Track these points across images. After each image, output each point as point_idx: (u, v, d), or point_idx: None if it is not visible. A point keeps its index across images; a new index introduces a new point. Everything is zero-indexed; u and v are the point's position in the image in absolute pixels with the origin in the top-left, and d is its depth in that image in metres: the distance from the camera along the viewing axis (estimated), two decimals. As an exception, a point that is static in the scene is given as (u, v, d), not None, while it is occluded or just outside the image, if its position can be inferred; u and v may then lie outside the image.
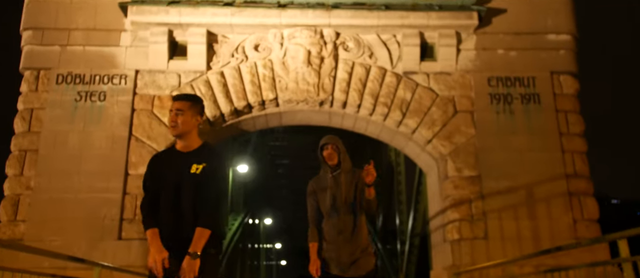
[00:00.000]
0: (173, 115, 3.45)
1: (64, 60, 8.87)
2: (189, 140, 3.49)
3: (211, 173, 3.36)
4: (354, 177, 4.47)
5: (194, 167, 3.37)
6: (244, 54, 9.07)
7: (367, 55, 9.09)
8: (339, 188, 4.44)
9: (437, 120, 8.85)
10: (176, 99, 3.50)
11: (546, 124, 8.76)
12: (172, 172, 3.39)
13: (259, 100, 8.92)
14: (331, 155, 4.50)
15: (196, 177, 3.34)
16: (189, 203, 3.30)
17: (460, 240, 8.35)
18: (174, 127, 3.45)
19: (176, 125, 3.43)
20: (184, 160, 3.41)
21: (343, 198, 4.42)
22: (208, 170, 3.36)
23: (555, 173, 8.49)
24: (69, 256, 5.90)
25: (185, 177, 3.35)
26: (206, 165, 3.37)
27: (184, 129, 3.43)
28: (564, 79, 9.00)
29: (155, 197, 3.39)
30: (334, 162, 4.49)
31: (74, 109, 8.65)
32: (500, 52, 9.12)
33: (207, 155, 3.43)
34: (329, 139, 4.56)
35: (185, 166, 3.38)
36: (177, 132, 3.44)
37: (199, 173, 3.35)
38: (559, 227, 8.27)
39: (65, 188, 8.29)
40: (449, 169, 8.70)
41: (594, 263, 5.63)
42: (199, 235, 3.19)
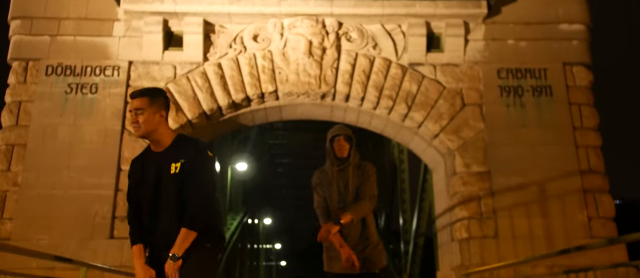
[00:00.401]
0: (133, 115, 3.09)
1: (53, 50, 8.48)
2: (160, 137, 3.14)
3: (192, 168, 3.04)
4: (360, 171, 4.22)
5: (173, 166, 3.05)
6: (242, 44, 8.68)
7: (371, 46, 8.70)
8: (346, 183, 4.16)
9: (444, 113, 8.45)
10: (133, 97, 3.13)
11: (559, 117, 8.36)
12: (149, 175, 3.10)
13: (258, 92, 8.53)
14: (342, 148, 4.19)
15: (177, 177, 3.04)
16: (172, 206, 3.02)
17: (469, 239, 7.95)
18: (137, 128, 3.09)
19: (138, 126, 3.08)
20: (160, 161, 3.10)
21: (351, 194, 4.14)
22: (188, 166, 3.04)
23: (569, 169, 8.10)
24: (54, 256, 5.50)
25: (165, 179, 3.05)
26: (184, 160, 3.05)
27: (147, 128, 3.08)
28: (577, 70, 8.60)
29: (139, 207, 3.12)
30: (344, 155, 4.19)
31: (64, 102, 8.26)
32: (510, 42, 8.72)
33: (183, 150, 3.10)
34: (341, 130, 4.26)
35: (163, 167, 3.07)
36: (141, 133, 3.10)
37: (178, 171, 3.04)
38: (573, 225, 7.88)
39: (55, 185, 7.89)
40: (456, 165, 8.31)
41: (616, 264, 5.25)
42: (182, 237, 2.92)
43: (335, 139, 4.23)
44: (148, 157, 3.17)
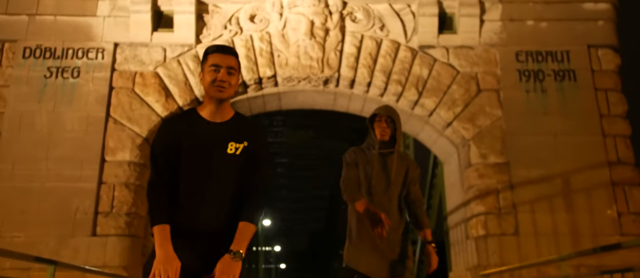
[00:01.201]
0: (224, 74, 2.48)
1: (32, 31, 7.78)
2: (225, 108, 2.56)
3: (256, 156, 2.52)
4: (405, 165, 3.64)
5: (232, 145, 2.49)
6: (238, 25, 7.99)
7: (378, 27, 8.01)
8: (388, 172, 3.56)
9: (458, 100, 7.75)
10: (226, 52, 2.55)
11: (583, 103, 7.66)
12: (202, 147, 2.46)
13: (255, 77, 7.83)
14: (384, 131, 3.58)
15: (234, 160, 2.48)
16: (222, 191, 2.44)
17: (487, 237, 7.24)
18: (224, 91, 2.49)
19: (228, 88, 2.49)
20: (217, 134, 2.50)
21: (392, 185, 3.54)
22: (251, 151, 2.51)
23: (596, 160, 7.40)
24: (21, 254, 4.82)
25: (219, 157, 2.47)
26: (248, 144, 2.50)
27: (231, 94, 2.54)
28: (602, 53, 7.90)
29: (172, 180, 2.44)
30: (385, 139, 3.58)
31: (43, 87, 7.55)
32: (530, 23, 8.02)
33: (246, 130, 2.55)
34: (384, 109, 3.65)
35: (219, 142, 2.48)
36: (227, 96, 2.52)
37: (238, 154, 2.49)
38: (601, 221, 7.17)
39: (32, 177, 7.18)
40: (472, 156, 7.60)
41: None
42: (245, 232, 2.37)
43: (375, 119, 3.63)
44: (197, 123, 2.52)
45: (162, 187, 2.41)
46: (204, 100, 2.60)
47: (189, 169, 2.43)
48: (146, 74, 7.75)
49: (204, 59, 2.54)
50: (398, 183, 3.59)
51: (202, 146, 2.45)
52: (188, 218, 2.38)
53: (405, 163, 3.68)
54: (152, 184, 2.45)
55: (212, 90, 2.48)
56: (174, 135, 2.47)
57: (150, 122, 7.55)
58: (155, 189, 2.43)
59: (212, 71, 2.48)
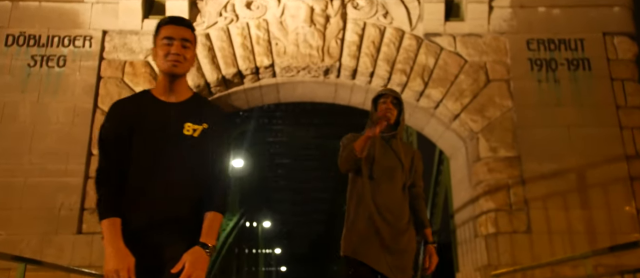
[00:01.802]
0: (179, 47, 2.24)
1: (15, 18, 7.37)
2: (182, 85, 2.32)
3: (217, 140, 2.26)
4: (410, 151, 3.40)
5: (189, 126, 2.23)
6: (234, 12, 7.58)
7: (381, 14, 7.60)
8: (392, 156, 3.27)
9: (466, 90, 7.34)
10: (180, 24, 2.30)
11: (599, 94, 7.24)
12: (156, 129, 2.22)
13: (251, 66, 7.42)
14: (389, 111, 3.29)
15: (192, 142, 2.22)
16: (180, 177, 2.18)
17: (497, 235, 6.81)
18: (179, 65, 2.25)
19: (183, 62, 2.25)
20: (172, 113, 2.26)
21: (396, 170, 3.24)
22: (211, 135, 2.25)
23: (613, 153, 6.97)
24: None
25: (175, 138, 2.21)
26: (209, 126, 2.26)
27: (188, 68, 2.31)
28: (618, 41, 7.47)
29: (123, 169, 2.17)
30: (391, 121, 3.30)
31: (27, 76, 7.14)
32: (541, 9, 7.61)
33: (205, 112, 2.31)
34: (388, 90, 3.42)
35: (174, 123, 2.23)
36: (182, 71, 2.28)
37: (197, 136, 2.23)
38: (619, 218, 6.74)
39: (14, 172, 6.76)
40: (481, 149, 7.18)
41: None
42: (214, 223, 2.15)
43: (380, 99, 3.36)
44: (150, 104, 2.27)
45: (111, 177, 2.15)
46: (158, 78, 2.31)
47: (141, 155, 2.17)
48: (136, 63, 7.35)
49: (156, 32, 2.28)
50: (405, 169, 3.27)
51: (155, 128, 2.20)
52: (143, 209, 2.12)
53: (410, 150, 3.41)
54: (100, 173, 2.18)
55: (166, 65, 2.22)
56: (124, 118, 2.22)
57: (141, 114, 7.14)
58: (103, 179, 2.16)
59: (164, 44, 2.22)
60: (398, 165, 3.26)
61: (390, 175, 3.23)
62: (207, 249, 2.08)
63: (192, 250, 2.05)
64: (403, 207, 3.23)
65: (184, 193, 2.16)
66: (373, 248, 3.08)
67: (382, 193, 3.17)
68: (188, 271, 1.99)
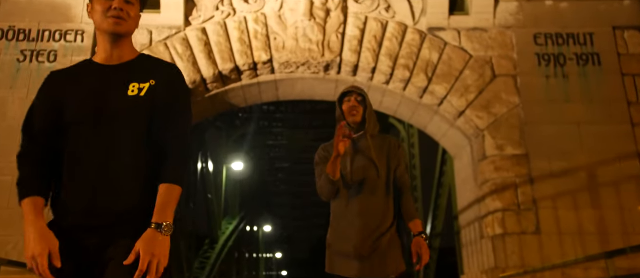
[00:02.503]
0: (121, 1, 1.90)
1: (4, 11, 7.13)
2: (126, 47, 1.97)
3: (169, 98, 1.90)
4: (385, 144, 3.15)
5: (134, 86, 1.88)
6: (231, 6, 7.35)
7: (384, 7, 7.36)
8: (363, 155, 3.06)
9: (471, 86, 7.08)
10: None
11: (609, 90, 6.99)
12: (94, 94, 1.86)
13: (249, 62, 7.17)
14: (354, 109, 3.11)
15: (138, 102, 1.86)
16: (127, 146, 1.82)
17: (505, 236, 6.54)
18: (120, 25, 1.90)
19: (124, 21, 1.91)
20: (115, 77, 1.91)
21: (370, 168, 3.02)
22: (161, 92, 1.89)
23: (624, 151, 6.71)
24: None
25: (118, 102, 1.85)
26: (156, 83, 1.90)
27: (131, 28, 1.96)
28: (629, 35, 7.22)
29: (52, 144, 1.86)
30: (357, 120, 3.11)
31: (16, 72, 6.90)
32: (549, 3, 7.37)
33: (156, 68, 1.96)
34: (352, 88, 3.20)
35: (118, 86, 1.88)
36: (126, 30, 1.93)
37: (143, 95, 1.87)
38: (632, 218, 6.47)
39: (2, 170, 6.49)
40: (487, 147, 6.92)
41: None
42: (169, 196, 1.79)
43: (345, 98, 3.17)
44: (93, 71, 1.93)
45: (35, 154, 1.85)
46: (98, 44, 1.97)
47: (78, 128, 1.83)
48: (130, 58, 7.10)
49: None
50: (380, 168, 3.04)
51: (93, 94, 1.86)
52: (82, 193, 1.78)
53: (384, 143, 3.15)
54: (21, 152, 1.88)
55: (106, 23, 1.90)
56: (55, 90, 1.91)
57: (134, 111, 6.90)
58: (24, 158, 1.87)
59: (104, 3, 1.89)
60: (371, 166, 3.03)
61: (364, 180, 3.01)
62: (162, 229, 1.73)
63: (144, 236, 1.71)
64: (384, 210, 3.00)
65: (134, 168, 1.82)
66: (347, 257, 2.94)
67: (359, 201, 2.98)
68: (143, 261, 1.66)
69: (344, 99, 3.17)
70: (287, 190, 38.67)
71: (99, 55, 1.96)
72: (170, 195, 1.79)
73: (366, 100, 3.16)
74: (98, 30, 1.96)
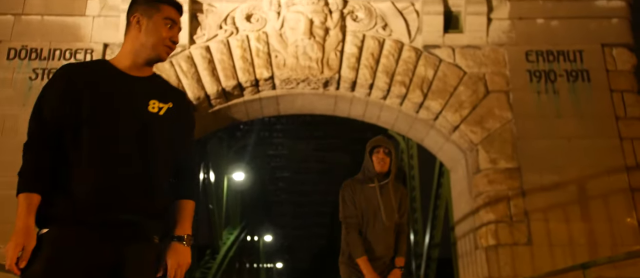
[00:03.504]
0: (177, 30, 2.11)
1: (17, 31, 7.42)
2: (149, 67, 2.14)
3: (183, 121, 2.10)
4: (398, 192, 3.99)
5: (154, 104, 2.01)
6: (234, 25, 7.63)
7: (381, 26, 7.64)
8: (388, 200, 3.90)
9: (465, 101, 7.34)
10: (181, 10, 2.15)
11: (598, 105, 7.25)
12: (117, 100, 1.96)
13: (251, 79, 7.45)
14: (383, 161, 3.91)
15: (158, 121, 2.00)
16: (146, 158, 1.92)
17: (498, 247, 6.78)
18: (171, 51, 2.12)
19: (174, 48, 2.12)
20: (136, 87, 2.03)
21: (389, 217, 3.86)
22: (177, 114, 2.07)
23: (613, 164, 6.95)
24: None
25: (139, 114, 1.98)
26: (173, 106, 2.06)
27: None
28: (617, 52, 7.49)
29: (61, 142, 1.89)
30: (385, 169, 3.91)
31: (28, 90, 7.17)
32: (540, 21, 7.65)
33: (174, 92, 2.15)
34: (382, 141, 3.99)
35: (139, 97, 2.01)
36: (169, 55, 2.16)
37: (162, 114, 2.02)
38: (620, 230, 6.70)
39: (13, 184, 6.61)
40: (480, 161, 7.17)
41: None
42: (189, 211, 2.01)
43: (374, 150, 3.95)
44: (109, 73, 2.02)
45: (43, 146, 1.87)
46: (129, 52, 2.07)
47: (98, 127, 1.89)
48: (137, 75, 7.37)
49: (152, 4, 2.06)
50: (395, 211, 3.90)
51: (116, 99, 1.95)
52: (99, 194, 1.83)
53: (399, 192, 3.97)
54: (30, 139, 1.90)
55: (161, 49, 2.05)
56: (73, 83, 1.93)
57: (141, 126, 7.16)
58: (33, 145, 1.88)
59: (167, 26, 2.04)
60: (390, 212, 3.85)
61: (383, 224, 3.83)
62: (184, 241, 1.94)
63: (173, 247, 1.91)
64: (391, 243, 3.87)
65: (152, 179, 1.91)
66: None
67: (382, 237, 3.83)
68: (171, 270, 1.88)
69: (374, 150, 3.92)
70: (287, 199, 38.89)
71: (123, 62, 2.06)
72: (190, 210, 2.02)
73: (392, 153, 3.93)
74: (141, 46, 2.04)
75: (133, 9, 2.10)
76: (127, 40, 2.09)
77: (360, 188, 3.91)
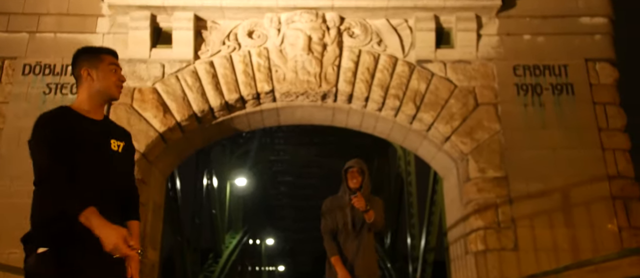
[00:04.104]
0: (120, 71, 2.72)
1: (32, 48, 7.85)
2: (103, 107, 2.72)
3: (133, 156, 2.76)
4: (371, 201, 4.69)
5: (115, 143, 2.57)
6: (236, 41, 8.04)
7: (376, 42, 8.04)
8: (358, 211, 4.64)
9: (456, 114, 7.74)
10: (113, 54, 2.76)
11: (582, 117, 7.63)
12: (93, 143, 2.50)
13: (253, 92, 7.85)
14: (355, 178, 4.75)
15: (118, 157, 2.58)
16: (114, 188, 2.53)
17: (486, 252, 7.17)
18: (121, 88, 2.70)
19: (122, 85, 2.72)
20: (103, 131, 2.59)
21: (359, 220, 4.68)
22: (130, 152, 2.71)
23: (595, 173, 7.34)
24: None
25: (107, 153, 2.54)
26: (125, 143, 2.64)
27: None
28: (600, 67, 7.88)
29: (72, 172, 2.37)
30: (356, 185, 4.72)
31: (42, 103, 7.58)
32: (527, 37, 8.04)
33: (124, 131, 2.74)
34: (355, 163, 4.85)
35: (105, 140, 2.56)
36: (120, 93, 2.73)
37: (120, 152, 2.58)
38: (601, 236, 7.08)
39: (29, 193, 7.08)
40: (470, 170, 7.56)
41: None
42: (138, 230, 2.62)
43: (348, 170, 4.81)
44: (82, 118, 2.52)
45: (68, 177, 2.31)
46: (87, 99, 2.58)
47: (84, 165, 2.38)
48: (144, 89, 7.78)
49: (93, 56, 2.63)
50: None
51: (92, 142, 2.46)
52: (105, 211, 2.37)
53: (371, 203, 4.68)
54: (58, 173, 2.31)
55: (115, 90, 2.60)
56: (71, 126, 2.43)
57: (148, 138, 7.56)
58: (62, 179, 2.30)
59: (113, 71, 2.60)
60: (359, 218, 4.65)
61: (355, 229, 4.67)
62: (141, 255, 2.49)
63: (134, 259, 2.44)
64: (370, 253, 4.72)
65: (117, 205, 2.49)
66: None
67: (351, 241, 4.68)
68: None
69: (348, 170, 4.77)
70: (289, 203, 39.24)
71: (83, 108, 2.54)
72: (138, 229, 2.61)
73: (364, 172, 4.75)
74: (97, 92, 2.56)
75: (78, 64, 2.63)
76: (82, 90, 2.60)
77: (337, 203, 4.80)
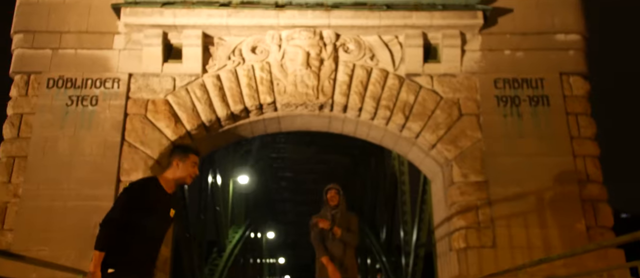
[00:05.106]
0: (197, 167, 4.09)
1: (55, 63, 8.59)
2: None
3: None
4: (347, 218, 6.20)
5: (172, 211, 3.97)
6: (240, 56, 8.77)
7: (369, 57, 8.78)
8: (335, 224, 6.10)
9: (441, 123, 8.49)
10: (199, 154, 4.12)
11: (556, 127, 8.37)
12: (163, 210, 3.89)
13: (256, 104, 8.60)
14: (333, 198, 6.28)
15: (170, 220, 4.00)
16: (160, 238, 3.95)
17: (467, 249, 7.94)
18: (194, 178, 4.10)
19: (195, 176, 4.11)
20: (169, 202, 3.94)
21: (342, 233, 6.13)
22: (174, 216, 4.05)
23: (567, 178, 8.09)
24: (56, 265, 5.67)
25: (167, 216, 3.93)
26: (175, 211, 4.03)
27: None
28: (573, 80, 8.63)
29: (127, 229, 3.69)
30: (335, 203, 6.22)
31: (65, 114, 8.34)
32: (507, 52, 8.77)
33: (175, 202, 4.09)
34: (333, 186, 6.40)
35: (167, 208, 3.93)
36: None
37: (171, 216, 3.97)
38: (571, 235, 7.84)
39: (54, 196, 7.95)
40: (454, 175, 8.32)
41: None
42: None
43: (328, 191, 6.36)
44: (159, 192, 3.86)
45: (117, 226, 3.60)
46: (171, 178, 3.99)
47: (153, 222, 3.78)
48: (157, 101, 8.52)
49: (184, 154, 3.96)
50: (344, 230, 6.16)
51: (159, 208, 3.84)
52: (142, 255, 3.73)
53: (346, 217, 6.20)
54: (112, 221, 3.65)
55: (188, 179, 3.97)
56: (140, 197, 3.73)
57: (161, 145, 8.30)
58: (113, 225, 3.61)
59: (193, 167, 3.95)
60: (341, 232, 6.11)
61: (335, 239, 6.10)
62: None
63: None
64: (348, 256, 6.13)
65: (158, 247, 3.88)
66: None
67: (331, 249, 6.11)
68: None
69: (328, 191, 6.33)
70: (290, 198, 40.03)
71: (166, 182, 3.93)
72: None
73: (340, 193, 6.30)
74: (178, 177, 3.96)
75: (173, 155, 4.03)
76: (171, 171, 3.98)
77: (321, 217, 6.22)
